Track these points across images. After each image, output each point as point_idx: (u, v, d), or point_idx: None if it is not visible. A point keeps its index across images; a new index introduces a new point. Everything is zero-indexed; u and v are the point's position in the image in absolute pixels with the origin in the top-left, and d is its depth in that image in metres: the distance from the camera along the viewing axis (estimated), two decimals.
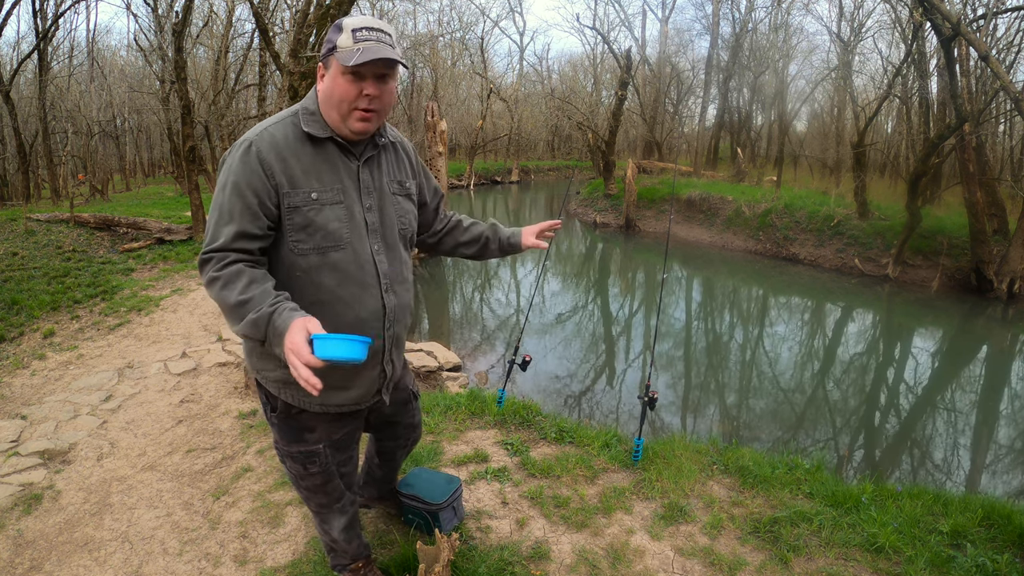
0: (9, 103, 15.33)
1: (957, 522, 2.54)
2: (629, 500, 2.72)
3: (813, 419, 5.74)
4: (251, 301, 1.37)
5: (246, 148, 1.48)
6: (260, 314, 1.35)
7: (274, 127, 1.53)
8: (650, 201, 16.42)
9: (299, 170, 1.50)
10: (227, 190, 1.46)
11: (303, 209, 1.49)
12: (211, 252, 1.44)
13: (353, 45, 1.44)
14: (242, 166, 1.47)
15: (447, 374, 5.53)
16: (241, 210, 1.44)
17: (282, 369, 1.59)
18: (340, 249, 1.54)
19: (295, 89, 4.63)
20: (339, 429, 1.77)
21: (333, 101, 1.50)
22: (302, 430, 1.73)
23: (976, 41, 7.96)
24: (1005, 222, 10.57)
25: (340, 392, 1.66)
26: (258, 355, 1.65)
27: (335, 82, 1.48)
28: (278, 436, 1.78)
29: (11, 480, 3.10)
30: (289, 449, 1.76)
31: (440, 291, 10.23)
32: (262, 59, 16.05)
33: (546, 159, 37.98)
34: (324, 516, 1.94)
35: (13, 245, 7.77)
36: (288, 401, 1.67)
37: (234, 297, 1.38)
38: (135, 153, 26.11)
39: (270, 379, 1.65)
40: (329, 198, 1.53)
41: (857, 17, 17.41)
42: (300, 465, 1.77)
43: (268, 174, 1.47)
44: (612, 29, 33.86)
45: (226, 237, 1.44)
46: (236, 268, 1.42)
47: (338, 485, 1.87)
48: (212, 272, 1.42)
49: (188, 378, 4.52)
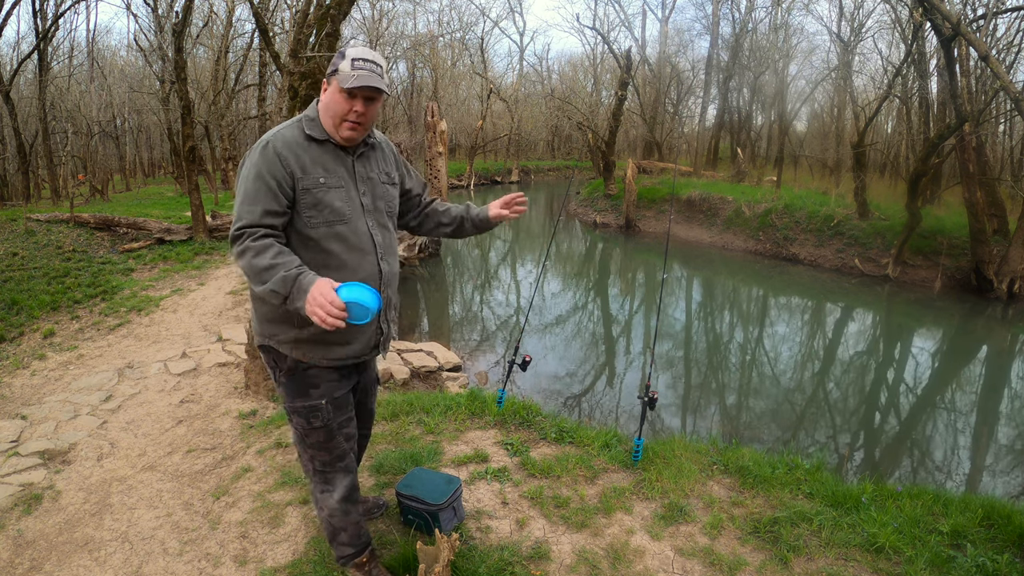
0: (9, 103, 15.33)
1: (957, 522, 2.54)
2: (629, 500, 2.72)
3: (813, 419, 5.74)
4: (280, 265, 1.67)
5: (264, 145, 1.82)
6: (288, 273, 1.64)
7: (286, 130, 1.87)
8: (650, 201, 16.42)
9: (308, 161, 1.84)
10: (251, 178, 1.78)
11: (313, 190, 1.83)
12: (243, 228, 1.73)
13: (351, 71, 1.79)
14: (262, 159, 1.79)
15: (447, 374, 5.53)
16: (265, 192, 1.76)
17: (295, 330, 1.88)
18: (343, 223, 1.87)
19: (295, 89, 4.62)
20: (338, 388, 1.99)
21: (329, 112, 1.86)
22: (308, 386, 1.95)
23: (976, 41, 7.96)
24: (1005, 222, 10.57)
25: (343, 347, 1.93)
26: (270, 320, 1.91)
27: (333, 98, 1.84)
28: (285, 394, 2.00)
29: (11, 480, 3.10)
30: (295, 404, 1.97)
31: (440, 291, 10.22)
32: (262, 59, 16.06)
33: (546, 159, 37.96)
34: (328, 477, 2.05)
35: (13, 245, 7.77)
36: (298, 358, 1.92)
37: (265, 262, 1.67)
38: (135, 153, 26.10)
39: (282, 340, 1.91)
40: (333, 183, 1.87)
41: (857, 17, 17.42)
42: (305, 419, 1.98)
43: (284, 164, 1.79)
44: (612, 29, 33.88)
45: (254, 215, 1.74)
46: (267, 240, 1.72)
47: (340, 443, 2.04)
48: (247, 243, 1.71)
49: (188, 378, 4.52)
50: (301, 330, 1.88)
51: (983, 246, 9.53)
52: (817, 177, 18.74)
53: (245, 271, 1.74)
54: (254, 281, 1.71)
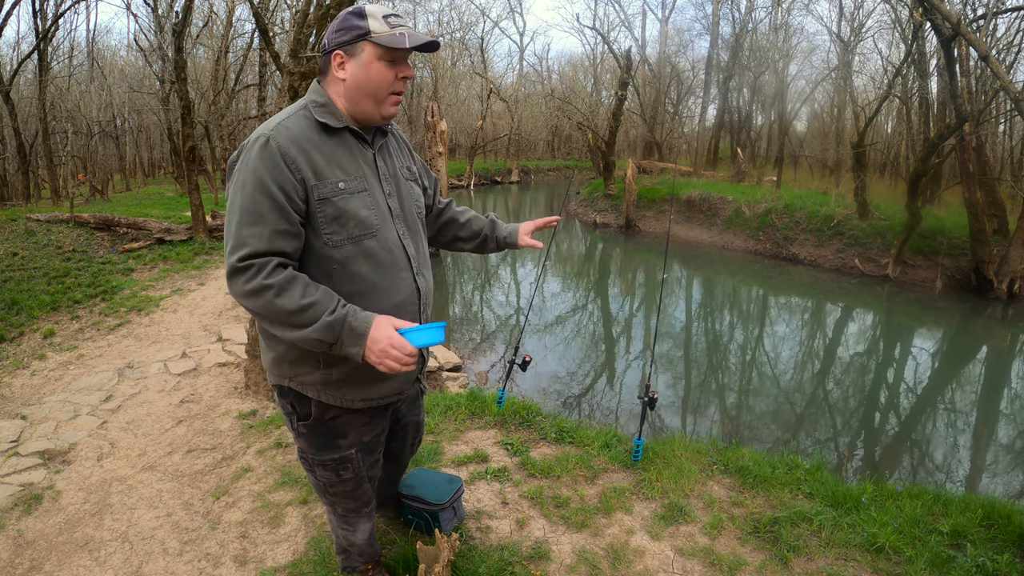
0: (9, 103, 15.33)
1: (957, 522, 2.54)
2: (629, 500, 2.72)
3: (813, 419, 5.74)
4: (316, 304, 1.34)
5: (263, 143, 1.39)
6: (336, 317, 1.34)
7: (287, 120, 1.46)
8: (650, 201, 16.42)
9: (322, 161, 1.44)
10: (248, 189, 1.37)
11: (333, 199, 1.44)
12: (248, 259, 1.34)
13: (392, 30, 1.43)
14: (262, 162, 1.37)
15: (447, 374, 5.53)
16: (270, 207, 1.36)
17: (322, 370, 1.54)
18: (372, 237, 1.50)
19: (295, 89, 4.63)
20: (371, 430, 1.72)
21: (369, 88, 1.47)
22: (335, 436, 1.66)
23: (976, 41, 7.96)
24: (1005, 222, 10.57)
25: (381, 384, 1.61)
26: (291, 361, 1.56)
27: (370, 68, 1.45)
28: (306, 446, 1.69)
29: (11, 480, 3.10)
30: (321, 458, 1.68)
31: (440, 291, 10.23)
32: (262, 59, 16.06)
33: (546, 159, 37.96)
34: (350, 520, 1.88)
35: (13, 245, 7.77)
36: (328, 402, 1.59)
37: (294, 303, 1.33)
38: (135, 153, 26.10)
39: (307, 383, 1.57)
40: (355, 186, 1.49)
41: (857, 17, 17.43)
42: (332, 473, 1.71)
43: (292, 168, 1.39)
44: (612, 29, 33.87)
45: (260, 240, 1.35)
46: (288, 273, 1.36)
47: (367, 489, 1.83)
48: (261, 280, 1.33)
49: (188, 378, 4.52)
50: (330, 369, 1.54)
51: (983, 246, 9.53)
52: (817, 177, 18.74)
53: (262, 314, 1.37)
54: (280, 326, 1.37)
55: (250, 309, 1.40)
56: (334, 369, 1.54)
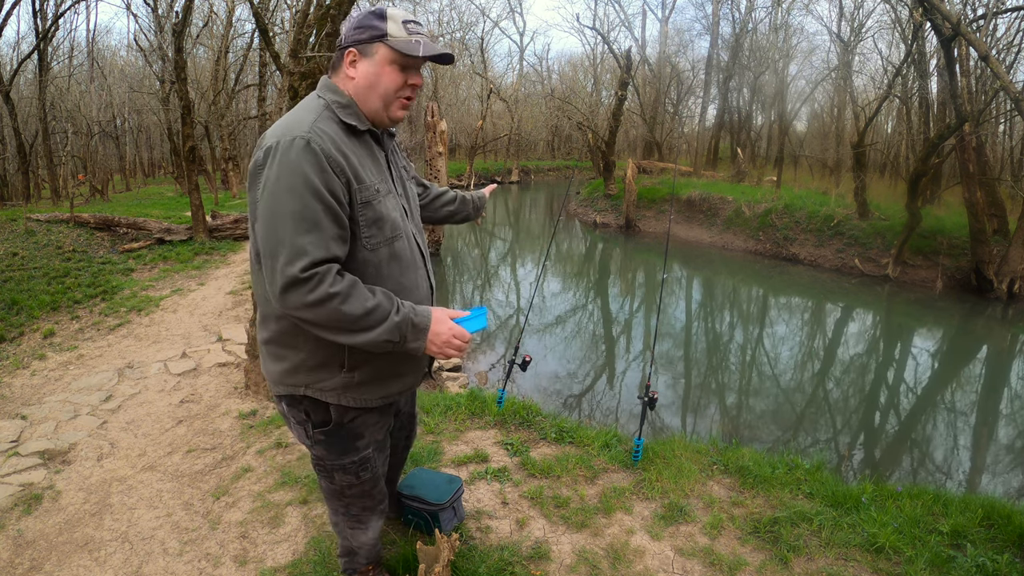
0: (9, 103, 15.33)
1: (957, 522, 2.54)
2: (629, 500, 2.72)
3: (813, 419, 5.74)
4: (380, 307, 1.36)
5: (305, 146, 1.35)
6: (402, 317, 1.38)
7: (320, 122, 1.42)
8: (650, 201, 16.42)
9: (357, 163, 1.44)
10: (299, 194, 1.32)
11: (373, 203, 1.45)
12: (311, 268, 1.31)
13: (409, 36, 1.44)
14: (311, 165, 1.34)
15: (447, 374, 5.53)
16: (324, 213, 1.34)
17: (344, 374, 1.54)
18: (400, 238, 1.54)
19: (295, 89, 4.62)
20: (382, 428, 1.75)
21: (378, 90, 1.47)
22: (352, 439, 1.67)
23: (976, 41, 7.96)
24: (1005, 222, 10.57)
25: (398, 380, 1.65)
26: (309, 368, 1.54)
27: (382, 70, 1.45)
28: (324, 452, 1.67)
29: (11, 480, 3.10)
30: (341, 462, 1.68)
31: (440, 291, 10.21)
32: (262, 59, 16.05)
33: (546, 159, 37.95)
34: (363, 519, 1.88)
35: (13, 245, 7.77)
36: (349, 405, 1.60)
37: (361, 308, 1.34)
38: (135, 153, 26.11)
39: (326, 388, 1.56)
40: (385, 188, 1.51)
41: (857, 17, 17.43)
42: (352, 476, 1.71)
43: (338, 171, 1.37)
44: (612, 29, 33.89)
45: (320, 248, 1.33)
46: (349, 279, 1.36)
47: (383, 487, 1.87)
48: (327, 289, 1.31)
49: (188, 378, 4.52)
50: (352, 373, 1.54)
51: (983, 246, 9.53)
52: (817, 177, 18.74)
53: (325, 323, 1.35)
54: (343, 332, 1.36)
55: (309, 319, 1.36)
56: (357, 372, 1.55)
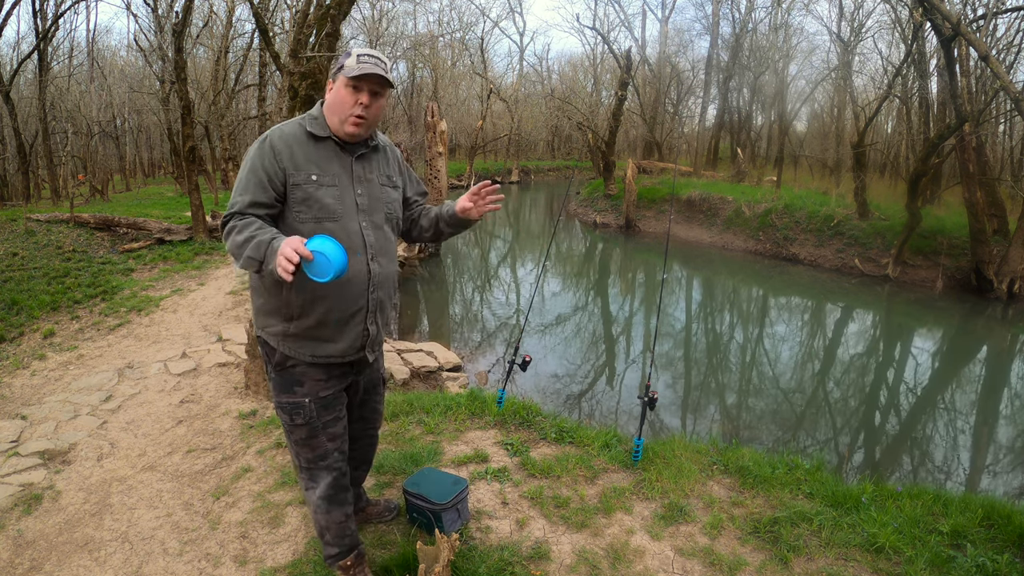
0: (9, 103, 15.32)
1: (957, 522, 2.54)
2: (629, 500, 2.72)
3: (813, 419, 5.74)
4: (257, 235, 1.72)
5: (263, 139, 1.91)
6: (262, 238, 1.70)
7: (286, 126, 1.95)
8: (650, 201, 16.42)
9: (302, 158, 1.90)
10: (246, 169, 1.87)
11: (304, 186, 1.88)
12: (231, 214, 1.83)
13: (357, 65, 1.85)
14: (259, 152, 1.88)
15: (447, 374, 5.53)
16: (255, 183, 1.84)
17: (284, 323, 1.93)
18: (333, 221, 1.90)
19: (295, 89, 4.62)
20: (325, 387, 2.01)
21: (335, 107, 1.90)
22: (293, 383, 1.99)
23: (976, 41, 7.96)
24: (1005, 222, 10.57)
25: (328, 344, 1.96)
26: (264, 312, 1.96)
27: (339, 93, 1.89)
28: (273, 388, 2.05)
29: (11, 480, 3.10)
30: (280, 399, 2.02)
31: (440, 291, 10.22)
32: (262, 59, 16.05)
33: (546, 159, 37.94)
34: (313, 474, 2.08)
35: (13, 245, 7.77)
36: (285, 352, 1.96)
37: (244, 236, 1.72)
38: (135, 153, 26.09)
39: (271, 333, 1.96)
40: (326, 181, 1.91)
41: (857, 17, 17.42)
42: (288, 415, 2.01)
43: (277, 158, 1.87)
44: (612, 29, 33.81)
45: (242, 204, 1.83)
46: (249, 219, 1.79)
47: (323, 443, 2.05)
48: (230, 224, 1.79)
49: (188, 378, 4.52)
50: (288, 323, 1.93)
51: (983, 246, 9.53)
52: (817, 177, 18.74)
53: (230, 251, 1.80)
54: (236, 257, 1.78)
55: (227, 250, 1.84)
56: (292, 323, 1.93)
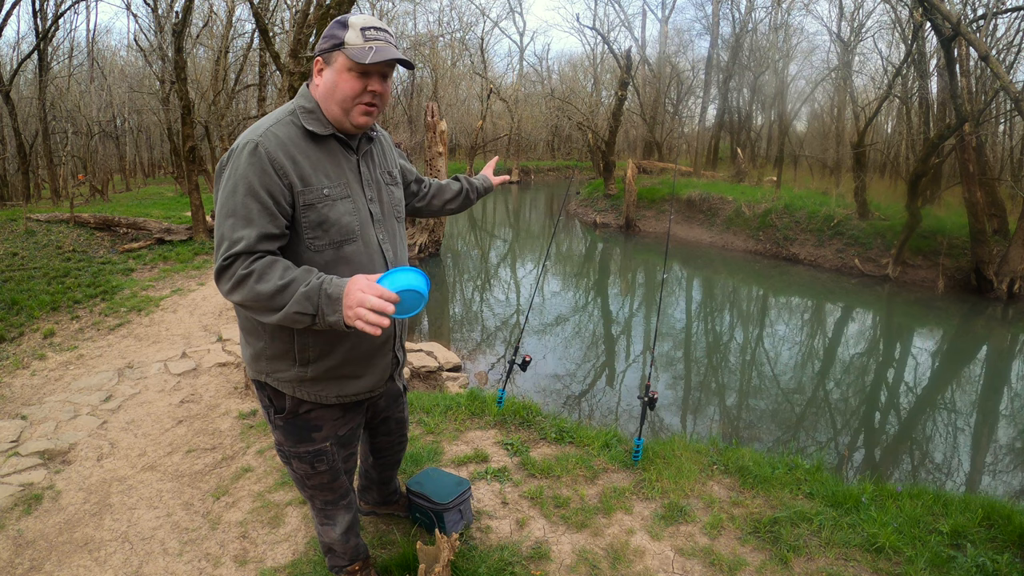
0: (9, 103, 15.33)
1: (957, 522, 2.54)
2: (629, 500, 2.72)
3: (813, 419, 5.74)
4: (295, 280, 1.35)
5: (252, 149, 1.44)
6: (310, 287, 1.33)
7: (275, 127, 1.51)
8: (650, 201, 16.42)
9: (308, 168, 1.50)
10: (239, 193, 1.42)
11: (318, 206, 1.50)
12: (234, 255, 1.38)
13: (364, 44, 1.47)
14: (252, 168, 1.43)
15: (447, 374, 5.53)
16: (259, 212, 1.42)
17: (297, 368, 1.62)
18: (352, 242, 1.57)
19: (295, 89, 4.63)
20: (345, 424, 1.79)
21: (336, 97, 1.52)
22: (309, 429, 1.73)
23: (976, 41, 7.96)
24: (1005, 222, 10.57)
25: (355, 381, 1.70)
26: (268, 358, 1.63)
27: (340, 77, 1.50)
28: (283, 438, 1.76)
29: (11, 480, 3.10)
30: (296, 450, 1.75)
31: (440, 291, 10.22)
32: (262, 59, 16.05)
33: (546, 159, 37.94)
34: (329, 513, 1.94)
35: (13, 245, 7.77)
36: (303, 398, 1.66)
37: (274, 283, 1.35)
38: (135, 153, 26.09)
39: (283, 379, 1.64)
40: (339, 193, 1.55)
41: (857, 17, 17.41)
42: (308, 465, 1.77)
43: (280, 174, 1.45)
44: (612, 29, 33.90)
45: (248, 240, 1.39)
46: (268, 259, 1.39)
47: (344, 482, 1.90)
48: (241, 270, 1.37)
49: (188, 378, 4.52)
50: (305, 368, 1.61)
51: (983, 246, 9.53)
52: (817, 177, 18.73)
53: (248, 303, 1.39)
54: (264, 311, 1.38)
55: (238, 302, 1.42)
56: (309, 367, 1.62)
